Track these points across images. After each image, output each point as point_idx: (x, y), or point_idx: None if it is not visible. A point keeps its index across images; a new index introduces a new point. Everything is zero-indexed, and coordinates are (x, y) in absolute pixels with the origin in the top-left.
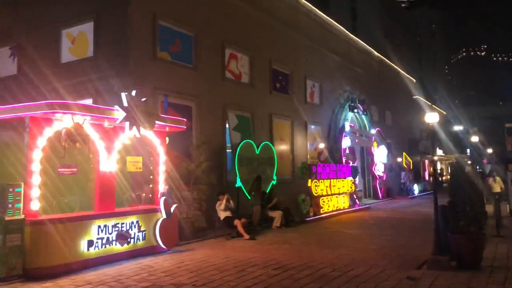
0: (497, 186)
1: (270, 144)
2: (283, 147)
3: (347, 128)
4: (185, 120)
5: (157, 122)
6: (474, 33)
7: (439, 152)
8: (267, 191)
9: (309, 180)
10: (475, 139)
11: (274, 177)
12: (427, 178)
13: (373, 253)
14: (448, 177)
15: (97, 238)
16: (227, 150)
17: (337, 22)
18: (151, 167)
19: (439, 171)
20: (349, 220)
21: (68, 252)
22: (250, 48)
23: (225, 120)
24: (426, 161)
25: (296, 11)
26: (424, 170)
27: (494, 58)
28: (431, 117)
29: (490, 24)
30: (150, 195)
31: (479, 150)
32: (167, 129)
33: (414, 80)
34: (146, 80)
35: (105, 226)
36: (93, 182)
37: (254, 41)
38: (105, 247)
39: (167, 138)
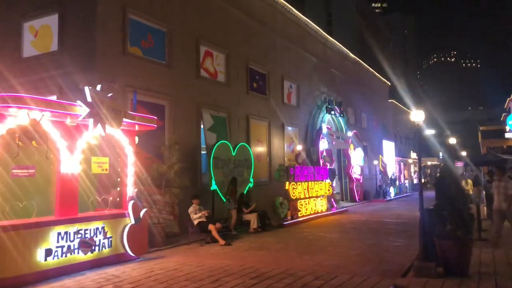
0: (468, 188)
1: (247, 146)
2: (260, 148)
3: (324, 130)
4: (156, 118)
5: (125, 119)
6: (444, 40)
7: (413, 155)
8: (245, 193)
9: (287, 183)
10: (452, 141)
11: (251, 180)
12: (402, 181)
13: (355, 258)
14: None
15: (57, 247)
16: (202, 152)
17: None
18: (119, 169)
19: (413, 174)
20: (327, 223)
21: (22, 262)
22: (226, 46)
23: (199, 120)
24: (402, 164)
25: (273, 10)
26: (400, 173)
27: (463, 65)
28: (417, 115)
29: (458, 32)
30: (118, 199)
31: (455, 152)
32: (136, 127)
33: (389, 84)
34: (115, 76)
35: (66, 233)
36: (54, 184)
37: (230, 39)
38: (66, 256)
39: (136, 138)
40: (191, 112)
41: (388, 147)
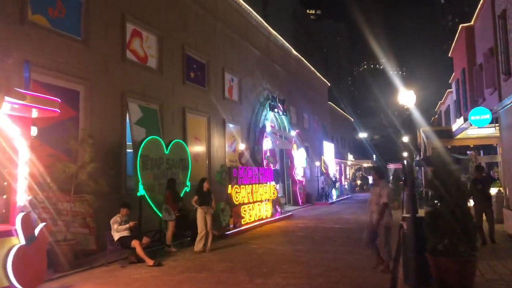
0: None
1: (183, 143)
2: (198, 147)
3: (268, 129)
4: (59, 100)
5: (10, 100)
6: (374, 48)
7: (350, 157)
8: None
9: (229, 186)
10: (405, 139)
11: (188, 183)
12: (343, 182)
13: (320, 281)
14: (359, 182)
15: None
16: (128, 150)
17: None
18: (5, 170)
19: (351, 176)
20: (274, 231)
21: None
22: (159, 27)
23: (125, 111)
24: (342, 166)
25: None
26: (340, 174)
27: (391, 72)
28: (407, 97)
29: (386, 40)
30: (4, 211)
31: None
32: (34, 113)
33: (329, 84)
34: (9, 49)
35: None
36: None
37: (164, 19)
38: None
39: (34, 128)
40: (114, 102)
41: (329, 149)
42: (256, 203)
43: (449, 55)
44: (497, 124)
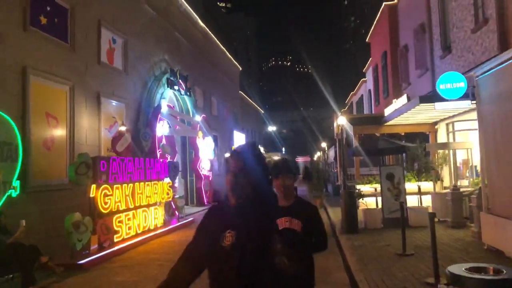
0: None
1: (7, 117)
2: (54, 129)
3: (165, 109)
4: None
5: None
6: (281, 45)
7: (261, 149)
8: None
9: (93, 186)
10: (342, 120)
11: (16, 183)
12: None
13: None
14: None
15: None
16: None
17: None
18: None
19: None
20: (164, 251)
21: None
22: None
23: None
24: None
25: None
26: None
27: (297, 69)
28: None
29: (294, 38)
30: None
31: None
32: None
33: (240, 68)
34: None
35: None
36: None
37: None
38: None
39: None
40: None
41: (240, 139)
42: (141, 209)
43: (367, 40)
44: (473, 100)
